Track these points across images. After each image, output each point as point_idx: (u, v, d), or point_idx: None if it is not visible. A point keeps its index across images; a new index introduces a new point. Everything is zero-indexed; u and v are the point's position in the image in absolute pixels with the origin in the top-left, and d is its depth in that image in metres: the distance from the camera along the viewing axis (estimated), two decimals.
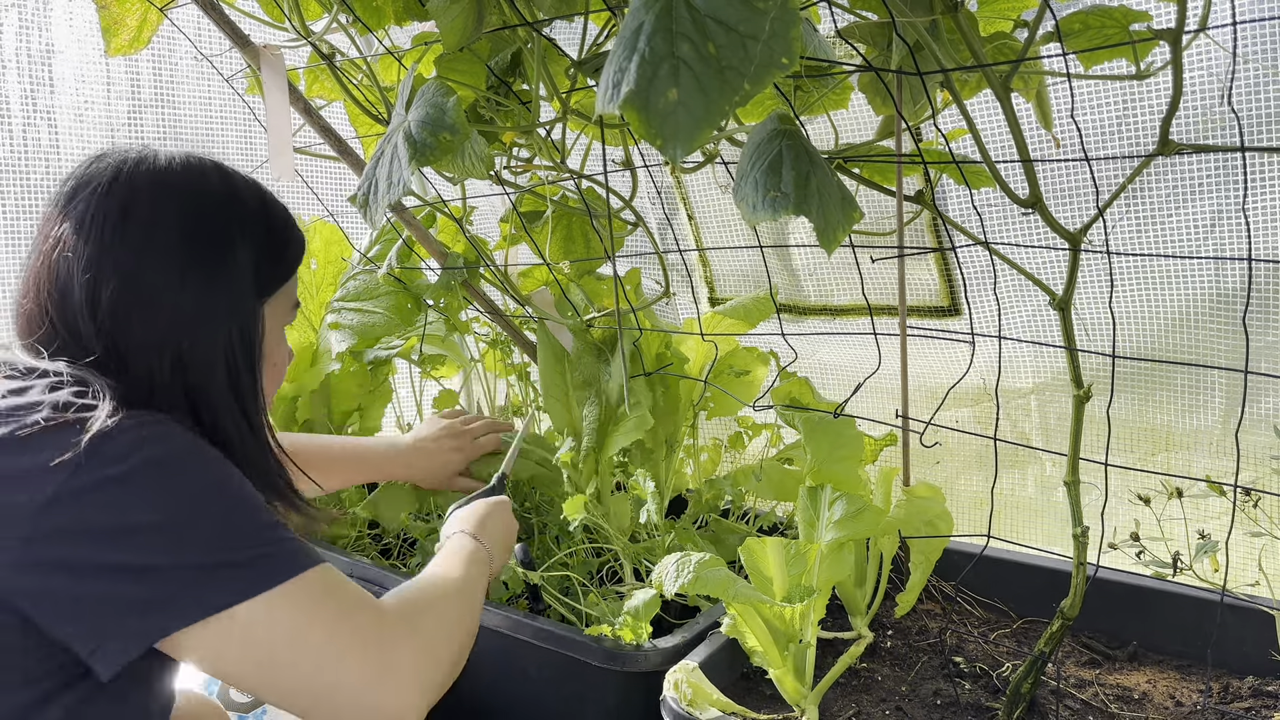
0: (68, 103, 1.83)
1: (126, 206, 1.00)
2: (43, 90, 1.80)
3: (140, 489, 0.88)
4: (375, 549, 1.92)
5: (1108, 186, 1.53)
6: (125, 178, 1.01)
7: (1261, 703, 1.22)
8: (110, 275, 0.97)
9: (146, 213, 1.00)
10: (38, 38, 1.78)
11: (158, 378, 1.00)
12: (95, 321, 0.97)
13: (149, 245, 0.99)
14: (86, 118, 1.86)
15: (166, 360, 1.00)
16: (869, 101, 1.30)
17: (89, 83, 1.86)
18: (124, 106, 1.90)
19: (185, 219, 1.02)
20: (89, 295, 0.97)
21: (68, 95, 1.83)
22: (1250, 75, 1.36)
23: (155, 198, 1.01)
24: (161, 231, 1.00)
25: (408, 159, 1.15)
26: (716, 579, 1.13)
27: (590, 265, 1.78)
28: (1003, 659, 1.38)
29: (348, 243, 2.01)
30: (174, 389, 1.01)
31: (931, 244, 1.78)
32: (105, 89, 1.87)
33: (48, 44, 1.79)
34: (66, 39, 1.81)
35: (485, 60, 1.46)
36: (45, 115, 1.81)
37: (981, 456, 1.83)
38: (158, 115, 1.96)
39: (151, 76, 1.93)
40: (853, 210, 1.00)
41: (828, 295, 2.00)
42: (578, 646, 1.32)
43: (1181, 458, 1.60)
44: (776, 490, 1.65)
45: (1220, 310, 1.50)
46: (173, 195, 1.03)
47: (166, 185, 1.03)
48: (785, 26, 0.74)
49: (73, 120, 1.85)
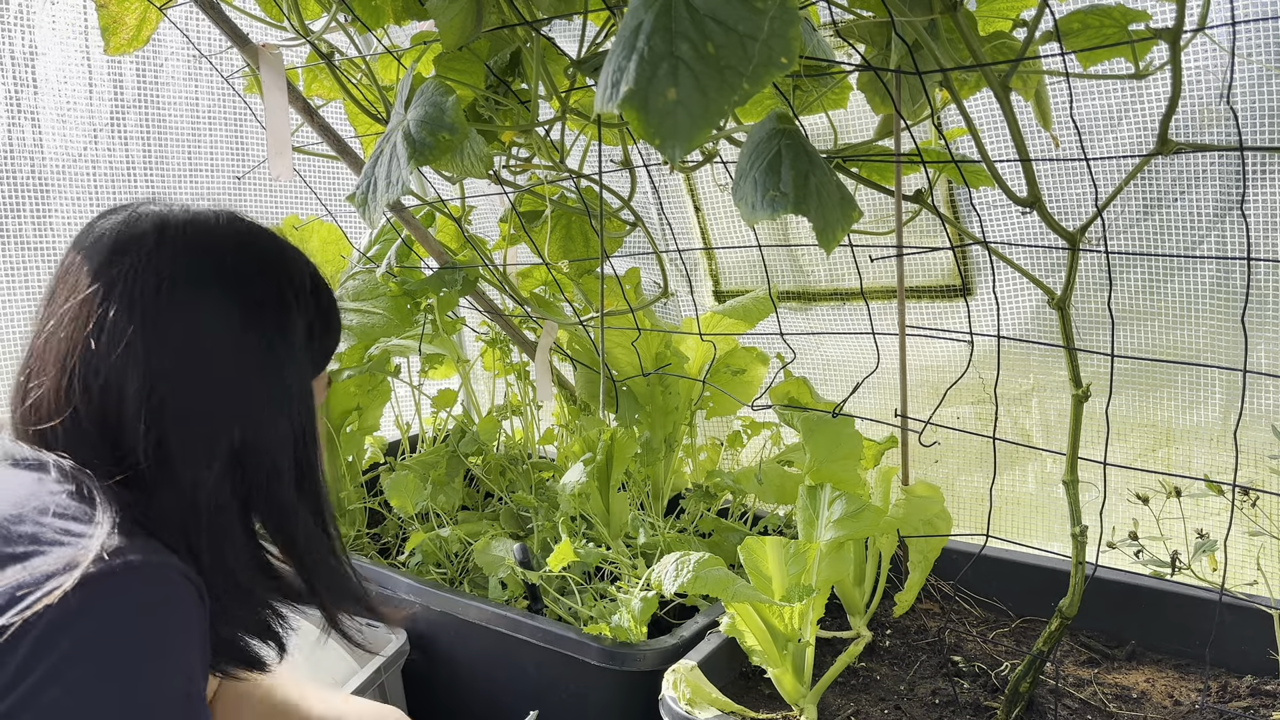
0: (51, 103, 1.85)
1: (178, 275, 0.85)
2: (26, 91, 1.82)
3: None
4: (374, 548, 1.92)
5: (1107, 185, 1.53)
6: (172, 240, 0.86)
7: (1260, 702, 1.22)
8: (165, 359, 0.82)
9: (201, 281, 0.86)
10: (21, 39, 1.79)
11: (204, 482, 0.84)
12: (143, 418, 0.81)
13: (205, 321, 0.85)
14: (69, 118, 1.88)
15: (220, 460, 0.85)
16: (868, 101, 1.30)
17: (72, 83, 1.87)
18: (107, 107, 1.92)
19: (244, 287, 0.88)
20: (138, 386, 0.82)
21: (51, 96, 1.85)
22: (1250, 74, 1.36)
23: (210, 264, 0.87)
24: (219, 304, 0.86)
25: (407, 158, 1.15)
26: (715, 578, 1.13)
27: (589, 265, 1.78)
28: (1001, 658, 1.38)
29: (346, 242, 2.01)
30: (222, 493, 0.86)
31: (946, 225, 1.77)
32: (88, 90, 1.89)
33: (31, 45, 1.81)
34: (50, 40, 1.83)
35: (484, 59, 1.46)
36: (29, 115, 1.83)
37: (981, 454, 1.83)
38: (140, 115, 1.97)
39: (135, 77, 1.94)
40: (852, 209, 1.00)
41: (839, 279, 1.98)
42: (576, 646, 1.32)
43: (1181, 453, 1.60)
44: (777, 493, 1.65)
45: (1220, 307, 1.50)
46: (227, 260, 0.88)
47: (219, 249, 0.88)
48: (784, 26, 0.74)
49: (55, 121, 1.86)
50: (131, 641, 0.74)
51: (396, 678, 1.59)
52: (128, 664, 0.74)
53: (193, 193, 2.03)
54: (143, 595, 0.76)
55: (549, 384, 1.87)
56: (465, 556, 1.72)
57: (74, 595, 0.72)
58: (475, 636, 1.50)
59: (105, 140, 1.92)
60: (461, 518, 1.88)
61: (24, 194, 1.82)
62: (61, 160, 1.88)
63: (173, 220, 0.88)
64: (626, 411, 1.79)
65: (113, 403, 0.82)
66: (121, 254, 0.85)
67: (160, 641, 0.76)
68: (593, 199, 1.66)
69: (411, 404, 2.15)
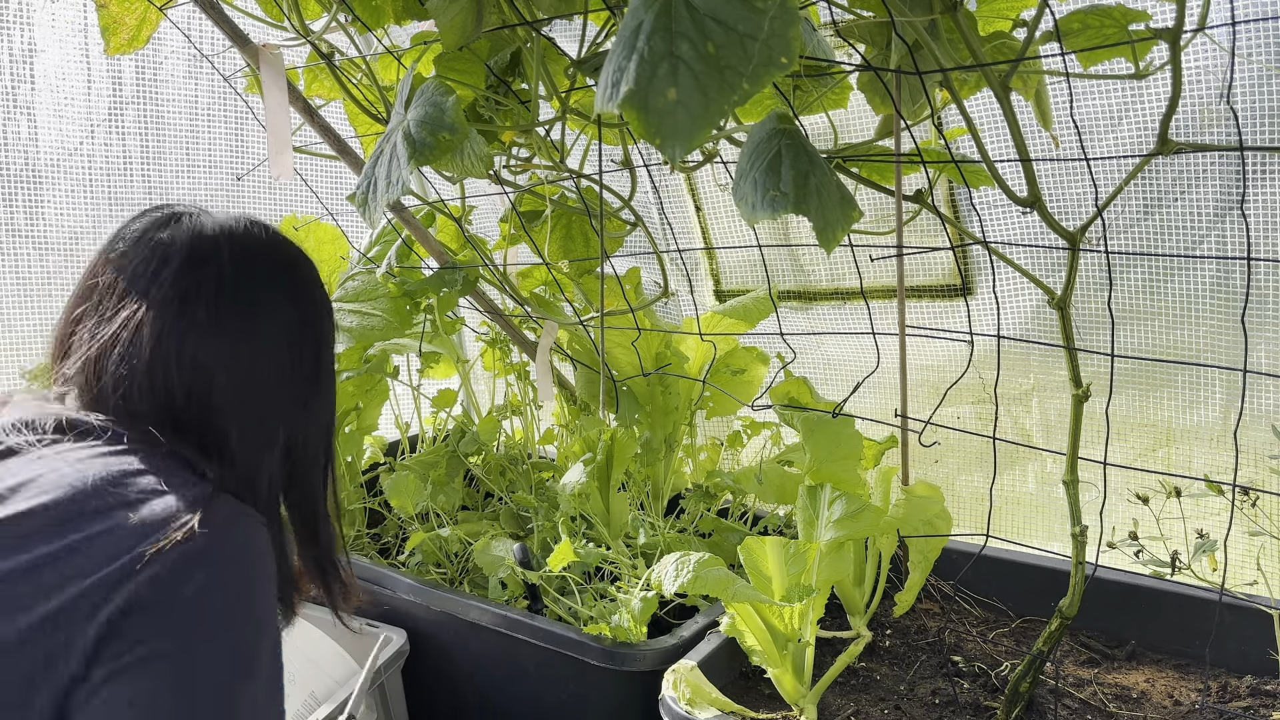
0: (48, 99, 1.88)
1: (237, 280, 0.92)
2: (24, 86, 1.85)
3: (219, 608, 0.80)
4: (374, 548, 1.92)
5: (1107, 184, 1.53)
6: (228, 249, 0.93)
7: (1260, 701, 1.22)
8: (225, 359, 0.90)
9: (255, 289, 0.93)
10: (20, 37, 1.83)
11: (266, 468, 0.93)
12: (224, 409, 0.90)
13: (263, 325, 0.93)
14: (66, 113, 1.91)
15: (279, 448, 0.95)
16: (868, 101, 1.30)
17: (70, 80, 1.90)
18: (105, 103, 1.95)
19: (291, 294, 0.97)
20: (219, 382, 0.89)
21: (48, 92, 1.88)
22: (1250, 74, 1.36)
23: (284, 278, 0.96)
24: (274, 310, 0.94)
25: (407, 158, 1.15)
26: (715, 578, 1.13)
27: (589, 265, 1.78)
28: (1001, 658, 1.38)
29: (346, 241, 2.01)
30: (276, 479, 0.95)
31: (945, 226, 1.77)
32: (86, 86, 1.92)
33: (30, 43, 1.84)
34: (49, 38, 1.86)
35: (484, 59, 1.46)
36: (25, 110, 1.86)
37: (981, 454, 1.83)
38: (139, 112, 1.99)
39: (134, 75, 1.97)
40: (852, 209, 1.00)
41: (839, 279, 1.99)
42: (576, 646, 1.32)
43: (1181, 453, 1.60)
44: (777, 492, 1.65)
45: (1220, 307, 1.50)
46: (276, 269, 0.96)
47: (264, 257, 0.96)
48: (784, 26, 0.74)
49: (51, 116, 1.90)
50: (253, 576, 0.83)
51: (396, 678, 1.59)
52: (251, 594, 0.83)
53: (190, 189, 2.05)
54: (259, 539, 0.86)
55: (550, 385, 1.87)
56: (465, 556, 1.72)
57: (201, 534, 0.79)
58: (475, 636, 1.50)
59: (102, 135, 1.95)
60: (461, 518, 1.88)
61: (17, 187, 1.88)
62: (57, 154, 1.91)
63: (224, 227, 0.95)
64: (626, 411, 1.79)
65: (200, 390, 0.90)
66: (203, 264, 0.91)
67: (268, 580, 0.86)
68: (593, 199, 1.66)
69: (411, 404, 2.15)
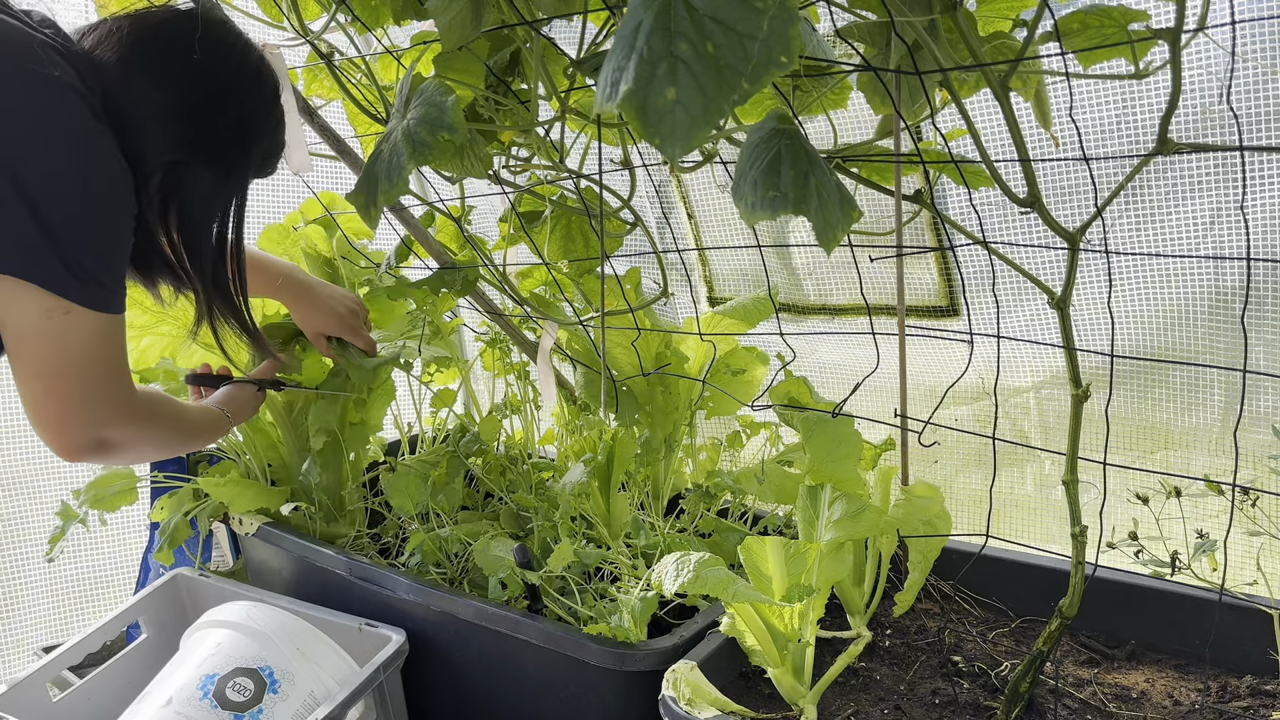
0: None
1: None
2: None
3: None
4: (374, 548, 1.92)
5: (1106, 185, 1.53)
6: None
7: (1260, 702, 1.22)
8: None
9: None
10: None
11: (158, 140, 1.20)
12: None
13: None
14: None
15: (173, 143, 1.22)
16: (868, 101, 1.30)
17: None
18: None
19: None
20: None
21: None
22: (1250, 74, 1.36)
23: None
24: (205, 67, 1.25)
25: (406, 158, 1.15)
26: (715, 578, 1.13)
27: (589, 265, 1.78)
28: (1001, 658, 1.38)
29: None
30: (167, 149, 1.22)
31: (932, 243, 1.78)
32: None
33: None
34: None
35: (484, 59, 1.46)
36: None
37: (980, 455, 1.83)
38: None
39: None
40: (851, 210, 1.00)
41: (827, 294, 2.00)
42: (576, 646, 1.32)
43: (1181, 455, 1.60)
44: (777, 492, 1.64)
45: (1219, 308, 1.50)
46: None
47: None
48: (783, 25, 0.74)
49: None
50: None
51: (396, 678, 1.59)
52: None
53: None
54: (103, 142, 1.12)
55: (552, 386, 1.86)
56: (465, 556, 1.72)
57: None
58: (475, 636, 1.50)
59: None
60: (461, 518, 1.88)
61: None
62: None
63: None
64: (626, 411, 1.79)
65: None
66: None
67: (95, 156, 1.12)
68: (592, 199, 1.66)
69: (411, 404, 2.14)
